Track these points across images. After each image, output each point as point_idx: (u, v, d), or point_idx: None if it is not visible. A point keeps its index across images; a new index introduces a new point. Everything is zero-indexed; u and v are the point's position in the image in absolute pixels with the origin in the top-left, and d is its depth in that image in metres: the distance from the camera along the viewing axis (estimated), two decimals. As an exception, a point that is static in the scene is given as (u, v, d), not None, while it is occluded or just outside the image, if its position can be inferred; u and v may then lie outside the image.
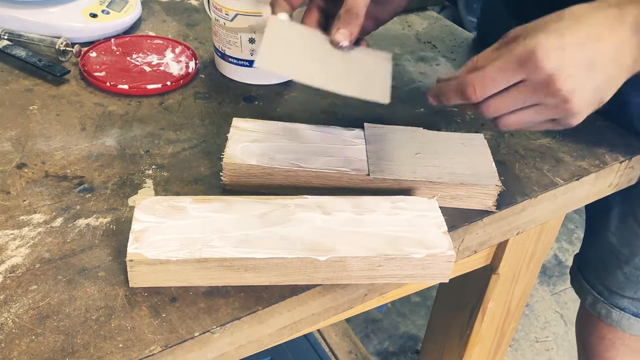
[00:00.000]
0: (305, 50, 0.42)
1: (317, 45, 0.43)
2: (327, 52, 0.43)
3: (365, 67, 0.44)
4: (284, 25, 0.43)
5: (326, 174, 0.43)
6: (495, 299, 0.59)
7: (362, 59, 0.44)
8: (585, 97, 0.38)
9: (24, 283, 0.36)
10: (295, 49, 0.42)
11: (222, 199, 0.40)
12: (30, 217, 0.41)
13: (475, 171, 0.44)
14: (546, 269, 1.36)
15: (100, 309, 0.35)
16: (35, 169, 0.45)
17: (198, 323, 0.35)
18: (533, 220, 0.48)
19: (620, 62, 0.39)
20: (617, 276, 0.59)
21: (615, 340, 0.62)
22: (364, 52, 0.45)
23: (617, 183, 0.53)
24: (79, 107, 0.52)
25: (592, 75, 0.38)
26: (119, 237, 0.39)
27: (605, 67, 0.38)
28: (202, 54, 0.60)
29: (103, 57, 0.57)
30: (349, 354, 0.90)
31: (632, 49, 0.38)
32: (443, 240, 0.38)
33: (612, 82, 0.39)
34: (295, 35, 0.43)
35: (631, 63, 0.39)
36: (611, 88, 0.39)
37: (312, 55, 0.42)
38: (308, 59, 0.41)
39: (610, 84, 0.39)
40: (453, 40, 0.67)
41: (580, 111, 0.39)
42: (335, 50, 0.43)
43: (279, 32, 0.42)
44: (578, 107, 0.38)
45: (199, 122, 0.51)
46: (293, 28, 0.44)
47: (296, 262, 0.36)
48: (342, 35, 0.43)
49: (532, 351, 1.17)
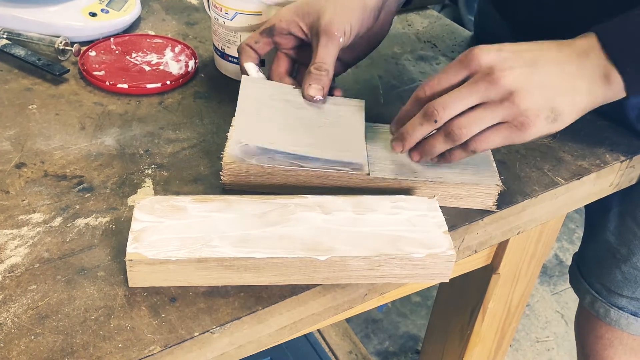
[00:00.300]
0: (280, 113, 0.44)
1: (290, 105, 0.45)
2: (301, 109, 0.45)
3: (340, 125, 0.45)
4: (257, 86, 0.46)
5: (326, 174, 0.42)
6: (496, 299, 0.59)
7: (335, 111, 0.46)
8: (531, 96, 0.38)
9: (23, 283, 0.36)
10: (269, 114, 0.44)
11: (222, 198, 0.39)
12: (29, 216, 0.40)
13: (476, 170, 0.44)
14: (547, 268, 1.35)
15: (100, 309, 0.35)
16: (35, 169, 0.45)
17: (198, 323, 0.35)
18: (534, 219, 0.48)
19: (567, 70, 0.39)
20: (616, 275, 0.59)
21: (613, 340, 0.62)
22: (337, 103, 0.47)
23: (618, 182, 0.52)
24: (78, 106, 0.52)
25: (535, 72, 0.38)
26: (119, 236, 0.39)
27: (549, 68, 0.39)
28: (201, 53, 0.60)
29: (102, 56, 0.57)
30: (349, 354, 0.90)
31: (582, 70, 0.39)
32: (443, 239, 0.38)
33: (562, 89, 0.39)
34: (267, 96, 0.45)
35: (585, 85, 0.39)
36: (563, 96, 0.39)
37: (287, 117, 0.44)
38: (283, 125, 0.43)
39: (559, 90, 0.39)
40: (453, 40, 0.67)
41: (529, 110, 0.38)
42: (308, 105, 0.45)
43: (253, 95, 0.45)
44: (525, 105, 0.38)
45: (198, 121, 0.51)
46: (265, 89, 0.46)
47: (296, 262, 0.36)
48: (315, 90, 0.45)
49: (533, 351, 1.17)
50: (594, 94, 0.40)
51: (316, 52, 0.45)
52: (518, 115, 0.38)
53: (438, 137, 0.41)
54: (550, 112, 0.39)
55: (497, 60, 0.39)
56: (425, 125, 0.40)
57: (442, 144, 0.41)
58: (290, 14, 0.46)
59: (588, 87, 0.39)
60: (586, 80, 0.39)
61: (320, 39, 0.45)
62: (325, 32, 0.44)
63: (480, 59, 0.39)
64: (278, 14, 0.47)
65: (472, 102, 0.39)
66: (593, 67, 0.39)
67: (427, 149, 0.42)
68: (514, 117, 0.39)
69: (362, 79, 0.58)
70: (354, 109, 0.47)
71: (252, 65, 0.48)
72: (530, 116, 0.38)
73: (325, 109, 0.46)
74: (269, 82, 0.47)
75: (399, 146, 0.43)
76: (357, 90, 0.57)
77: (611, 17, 0.40)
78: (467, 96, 0.39)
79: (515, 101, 0.38)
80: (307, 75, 0.45)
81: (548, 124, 0.39)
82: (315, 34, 0.45)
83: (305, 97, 0.46)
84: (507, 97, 0.38)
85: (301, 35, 0.47)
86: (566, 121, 0.40)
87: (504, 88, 0.38)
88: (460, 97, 0.39)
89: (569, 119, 0.40)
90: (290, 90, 0.47)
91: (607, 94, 0.40)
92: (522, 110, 0.38)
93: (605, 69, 0.39)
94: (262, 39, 0.47)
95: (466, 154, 0.41)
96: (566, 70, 0.39)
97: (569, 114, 0.39)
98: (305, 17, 0.46)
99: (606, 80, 0.39)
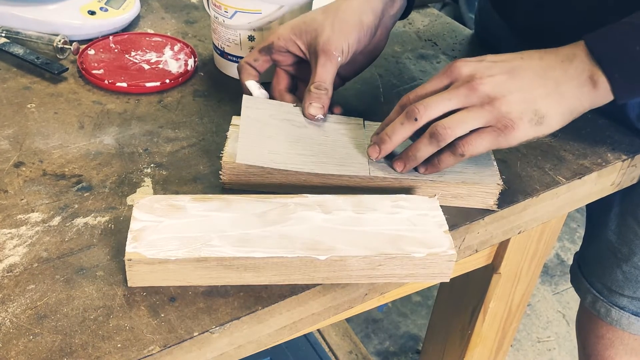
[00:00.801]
0: (281, 132, 0.45)
1: (291, 123, 0.46)
2: (302, 127, 0.45)
3: (341, 142, 0.45)
4: (257, 106, 0.46)
5: (327, 175, 0.42)
6: (497, 299, 0.59)
7: (336, 129, 0.46)
8: (512, 100, 0.39)
9: (22, 282, 0.36)
10: (271, 133, 0.44)
11: (222, 197, 0.39)
12: (27, 216, 0.40)
13: (477, 170, 0.44)
14: (548, 268, 1.35)
15: (99, 309, 0.35)
16: (33, 168, 0.44)
17: (197, 323, 0.34)
18: (535, 219, 0.48)
19: (549, 75, 0.40)
20: (617, 275, 0.59)
21: (614, 340, 0.62)
22: (337, 121, 0.47)
23: (620, 182, 0.52)
24: (77, 105, 0.51)
25: (514, 77, 0.40)
26: (118, 236, 0.39)
27: (529, 73, 0.40)
28: (201, 52, 0.59)
29: (101, 54, 0.57)
30: (349, 354, 0.90)
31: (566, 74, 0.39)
32: (444, 239, 0.38)
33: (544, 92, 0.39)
34: (268, 116, 0.46)
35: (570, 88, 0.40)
36: (546, 99, 0.39)
37: (288, 135, 0.45)
38: (285, 144, 0.44)
39: (541, 94, 0.39)
40: (454, 38, 0.67)
41: (511, 113, 0.39)
42: (309, 123, 0.46)
43: (254, 115, 0.45)
44: (506, 108, 0.39)
45: (198, 120, 0.51)
46: (266, 108, 0.46)
47: (296, 262, 0.36)
48: (315, 108, 0.46)
49: (534, 351, 1.17)
50: (580, 98, 0.40)
51: (315, 71, 0.46)
52: (501, 119, 0.39)
53: (422, 139, 0.41)
54: (533, 115, 0.39)
55: (477, 69, 0.40)
56: (406, 124, 0.41)
57: (427, 146, 0.41)
58: (287, 33, 0.47)
59: (573, 90, 0.40)
60: (571, 84, 0.40)
61: (319, 58, 0.45)
62: (323, 51, 0.45)
63: (462, 69, 0.40)
64: (276, 32, 0.48)
65: (453, 105, 0.40)
66: (577, 71, 0.40)
67: (411, 153, 0.42)
68: (497, 120, 0.39)
69: (363, 77, 0.58)
70: (353, 126, 0.47)
71: (254, 82, 0.48)
72: (513, 119, 0.39)
73: (325, 127, 0.46)
74: (269, 102, 0.48)
75: (375, 151, 0.43)
76: (358, 89, 0.57)
77: (609, 17, 0.41)
78: (448, 99, 0.40)
79: (496, 105, 0.39)
80: (307, 94, 0.46)
81: (533, 126, 0.39)
82: (314, 52, 0.46)
83: (306, 115, 0.46)
84: (487, 101, 0.39)
85: (299, 54, 0.48)
86: (552, 124, 0.40)
87: (484, 93, 0.39)
88: (441, 98, 0.40)
89: (555, 122, 0.40)
90: (291, 109, 0.47)
91: (594, 98, 0.40)
92: (504, 113, 0.39)
93: (590, 72, 0.40)
94: (261, 57, 0.48)
95: (455, 158, 0.41)
96: (549, 75, 0.40)
97: (555, 117, 0.40)
98: (302, 36, 0.47)
99: (592, 83, 0.40)
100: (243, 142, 0.43)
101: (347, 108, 0.54)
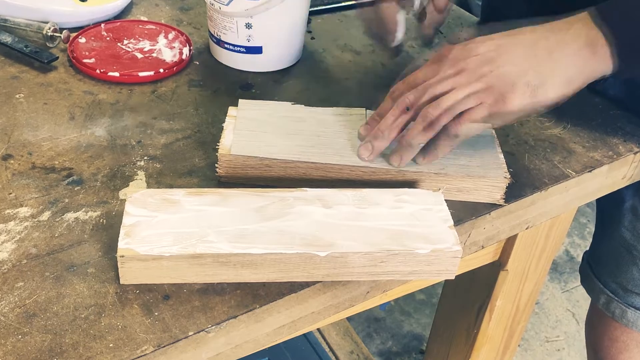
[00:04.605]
0: (278, 126, 0.45)
1: (289, 119, 0.45)
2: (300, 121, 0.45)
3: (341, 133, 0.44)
4: (254, 107, 0.46)
5: (327, 166, 0.42)
6: (504, 297, 0.59)
7: (336, 122, 0.46)
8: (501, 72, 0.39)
9: (10, 280, 0.35)
10: (268, 128, 0.44)
11: (218, 191, 0.39)
12: (16, 210, 0.40)
13: (483, 162, 0.43)
14: (557, 265, 1.34)
15: (90, 307, 0.34)
16: (22, 160, 0.44)
17: (192, 322, 0.34)
18: (543, 214, 0.48)
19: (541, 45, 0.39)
20: (632, 273, 0.58)
21: (629, 342, 0.61)
22: (337, 113, 0.47)
23: (632, 175, 0.52)
24: (67, 95, 0.51)
25: (502, 53, 0.40)
26: (110, 231, 0.39)
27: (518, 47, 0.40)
28: (196, 40, 0.59)
29: (93, 43, 0.56)
30: (350, 354, 0.89)
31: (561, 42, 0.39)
32: (449, 234, 0.37)
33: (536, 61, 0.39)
34: (266, 115, 0.46)
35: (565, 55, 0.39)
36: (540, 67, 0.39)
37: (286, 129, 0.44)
38: (282, 136, 0.43)
39: (532, 63, 0.39)
40: (459, 25, 0.66)
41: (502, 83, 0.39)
42: (308, 117, 0.46)
43: (250, 116, 0.45)
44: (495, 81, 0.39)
45: (193, 111, 0.50)
46: (262, 109, 0.46)
47: (295, 258, 0.35)
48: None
49: (543, 351, 1.16)
50: (577, 64, 0.40)
51: None
52: (490, 94, 0.39)
53: (416, 125, 0.41)
54: (526, 87, 0.39)
55: (464, 50, 0.41)
56: (399, 116, 0.41)
57: (420, 132, 0.40)
58: None
59: (569, 57, 0.39)
60: (566, 50, 0.40)
61: None
62: None
63: (449, 53, 0.41)
64: None
65: (443, 87, 0.40)
66: (574, 37, 0.40)
67: (405, 142, 0.41)
68: (486, 95, 0.39)
69: (365, 66, 0.57)
70: (355, 117, 0.47)
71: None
72: (503, 92, 0.39)
73: (325, 119, 0.46)
74: (265, 102, 0.48)
75: (367, 150, 0.42)
76: (360, 78, 0.56)
77: None
78: (438, 82, 0.40)
79: (484, 80, 0.39)
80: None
81: (527, 98, 0.39)
82: None
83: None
84: (475, 78, 0.39)
85: None
86: (549, 94, 0.40)
87: (472, 72, 0.40)
88: (430, 84, 0.40)
89: (552, 91, 0.40)
90: (289, 107, 0.47)
91: (593, 65, 0.40)
92: (494, 88, 0.39)
93: (588, 38, 0.39)
94: None
95: (450, 140, 0.41)
96: (540, 45, 0.40)
97: (551, 87, 0.40)
98: None
99: (591, 50, 0.40)
100: (239, 134, 0.43)
101: (346, 98, 0.53)
